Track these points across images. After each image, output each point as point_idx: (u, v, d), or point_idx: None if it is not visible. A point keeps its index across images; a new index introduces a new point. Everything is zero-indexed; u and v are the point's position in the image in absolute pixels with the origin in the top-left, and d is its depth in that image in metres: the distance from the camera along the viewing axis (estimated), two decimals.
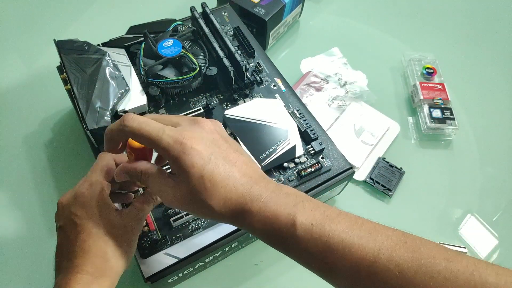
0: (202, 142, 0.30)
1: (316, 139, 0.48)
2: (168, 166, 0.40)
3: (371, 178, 0.56)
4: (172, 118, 0.33)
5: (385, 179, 0.56)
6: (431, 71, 0.67)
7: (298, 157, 0.47)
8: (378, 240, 0.28)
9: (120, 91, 0.47)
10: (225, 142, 0.32)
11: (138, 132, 0.30)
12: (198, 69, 0.50)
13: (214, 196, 0.29)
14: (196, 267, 0.44)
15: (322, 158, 0.48)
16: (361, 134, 0.60)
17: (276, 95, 0.53)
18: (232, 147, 0.32)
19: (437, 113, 0.62)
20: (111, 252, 0.33)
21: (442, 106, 0.63)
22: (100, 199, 0.34)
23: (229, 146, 0.31)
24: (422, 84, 0.65)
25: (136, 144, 0.32)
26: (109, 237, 0.33)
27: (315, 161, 0.47)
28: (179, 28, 0.56)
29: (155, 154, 0.35)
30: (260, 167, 0.40)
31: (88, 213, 0.33)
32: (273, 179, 0.46)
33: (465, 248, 0.51)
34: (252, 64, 0.55)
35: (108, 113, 0.45)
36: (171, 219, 0.41)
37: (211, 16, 0.55)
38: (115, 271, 0.33)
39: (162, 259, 0.40)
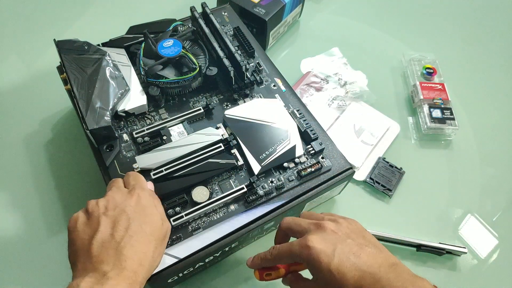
0: (323, 242, 0.35)
1: (316, 139, 0.48)
2: None
3: (371, 178, 0.56)
4: (302, 224, 0.39)
5: (385, 179, 0.56)
6: (431, 71, 0.67)
7: (298, 157, 0.47)
8: None
9: (120, 91, 0.47)
10: (348, 238, 0.36)
11: (278, 255, 0.38)
12: (198, 69, 0.50)
13: (345, 287, 0.33)
14: (196, 267, 0.44)
15: (322, 158, 0.48)
16: (361, 134, 0.60)
17: (276, 95, 0.53)
18: (356, 241, 0.36)
19: (437, 113, 0.62)
20: (152, 253, 0.34)
21: (442, 106, 0.63)
22: (152, 204, 0.37)
23: (352, 241, 0.35)
24: (422, 84, 0.65)
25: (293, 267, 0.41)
26: (155, 239, 0.35)
27: (315, 161, 0.47)
28: (179, 28, 0.56)
29: None
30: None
31: (142, 212, 0.36)
32: (274, 179, 0.46)
33: (465, 248, 0.51)
34: (252, 64, 0.55)
35: (108, 113, 0.45)
36: (171, 219, 0.41)
37: (211, 16, 0.55)
38: (150, 273, 0.35)
39: (162, 259, 0.40)
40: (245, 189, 0.44)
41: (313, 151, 0.48)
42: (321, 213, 0.42)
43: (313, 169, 0.46)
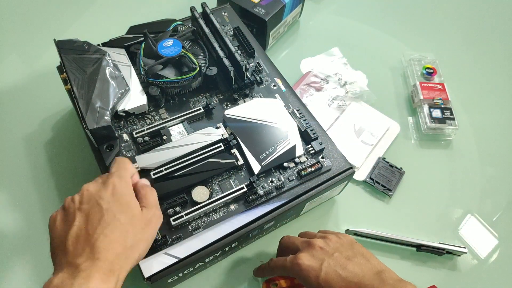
0: (312, 258, 0.39)
1: (316, 139, 0.48)
2: None
3: (371, 178, 0.56)
4: (295, 242, 0.43)
5: (385, 179, 0.56)
6: (431, 71, 0.67)
7: (298, 157, 0.47)
8: None
9: (120, 91, 0.47)
10: (335, 252, 0.39)
11: (274, 268, 0.43)
12: (198, 69, 0.50)
13: None
14: (196, 267, 0.44)
15: (322, 158, 0.48)
16: (361, 134, 0.60)
17: (276, 95, 0.53)
18: (343, 254, 0.39)
19: (437, 113, 0.62)
20: (130, 242, 0.34)
21: (442, 106, 0.63)
22: (129, 192, 0.37)
23: (340, 255, 0.39)
24: (422, 84, 0.65)
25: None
26: (132, 227, 0.35)
27: (315, 161, 0.47)
28: (179, 28, 0.56)
29: None
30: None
31: (117, 201, 0.35)
32: (274, 179, 0.46)
33: (465, 248, 0.51)
34: (252, 64, 0.55)
35: (108, 113, 0.45)
36: (171, 219, 0.41)
37: (211, 16, 0.55)
38: (130, 262, 0.34)
39: (162, 259, 0.40)
40: (245, 189, 0.44)
41: (313, 151, 0.48)
42: (320, 230, 0.46)
43: (313, 169, 0.46)
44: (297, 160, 0.47)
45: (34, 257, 0.49)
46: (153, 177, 0.43)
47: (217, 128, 0.48)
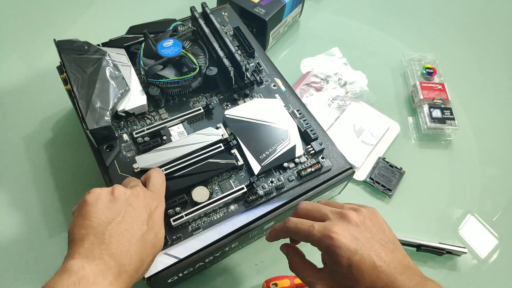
0: (348, 235, 0.34)
1: (316, 139, 0.48)
2: None
3: (371, 178, 0.56)
4: (322, 210, 0.37)
5: (385, 179, 0.56)
6: (431, 71, 0.67)
7: (298, 157, 0.47)
8: None
9: (120, 91, 0.47)
10: (369, 233, 0.35)
11: (294, 230, 0.36)
12: (198, 69, 0.50)
13: (361, 283, 0.33)
14: (196, 267, 0.44)
15: (322, 158, 0.48)
16: (361, 134, 0.60)
17: (276, 95, 0.53)
18: (377, 237, 0.35)
19: (437, 113, 0.62)
20: (143, 261, 0.34)
21: (442, 106, 0.63)
22: (162, 217, 0.37)
23: (374, 237, 0.34)
24: (422, 84, 0.65)
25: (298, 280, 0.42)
26: (150, 249, 0.35)
27: (315, 161, 0.47)
28: (179, 28, 0.56)
29: None
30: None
31: (152, 220, 0.35)
32: (274, 179, 0.46)
33: (465, 248, 0.51)
34: (252, 64, 0.55)
35: (108, 113, 0.45)
36: (171, 219, 0.41)
37: (211, 16, 0.55)
38: (134, 281, 0.34)
39: (162, 259, 0.40)
40: (245, 189, 0.44)
41: (313, 151, 0.48)
42: (344, 203, 0.40)
43: (313, 169, 0.46)
44: (297, 160, 0.47)
45: (34, 257, 0.49)
46: None
47: (217, 128, 0.48)
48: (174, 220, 0.41)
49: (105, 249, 0.31)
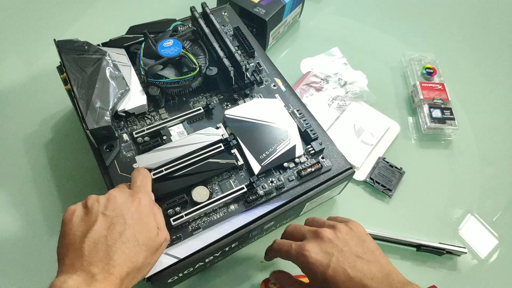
0: (319, 252, 0.37)
1: (316, 139, 0.48)
2: None
3: (371, 178, 0.56)
4: (301, 230, 0.40)
5: (385, 179, 0.56)
6: (431, 71, 0.67)
7: (298, 157, 0.47)
8: None
9: (120, 91, 0.47)
10: (345, 246, 0.37)
11: (278, 250, 0.40)
12: (198, 69, 0.50)
13: None
14: (196, 267, 0.44)
15: (322, 158, 0.48)
16: (361, 134, 0.60)
17: (276, 95, 0.53)
18: (353, 250, 0.37)
19: (437, 113, 0.62)
20: (141, 263, 0.34)
21: (442, 106, 0.63)
22: (151, 212, 0.36)
23: (349, 250, 0.37)
24: (422, 84, 0.65)
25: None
26: (146, 250, 0.34)
27: (315, 161, 0.47)
28: (179, 28, 0.56)
29: None
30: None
31: (139, 219, 0.35)
32: (274, 179, 0.46)
33: (465, 248, 0.51)
34: (252, 64, 0.55)
35: (108, 113, 0.45)
36: (171, 219, 0.41)
37: (211, 16, 0.55)
38: (134, 282, 0.34)
39: (162, 259, 0.40)
40: (245, 189, 0.44)
41: (313, 151, 0.48)
42: (329, 217, 0.44)
43: (313, 169, 0.46)
44: (297, 160, 0.47)
45: (34, 257, 0.49)
46: (153, 177, 0.43)
47: (217, 128, 0.48)
48: (174, 220, 0.41)
49: (86, 260, 0.31)
